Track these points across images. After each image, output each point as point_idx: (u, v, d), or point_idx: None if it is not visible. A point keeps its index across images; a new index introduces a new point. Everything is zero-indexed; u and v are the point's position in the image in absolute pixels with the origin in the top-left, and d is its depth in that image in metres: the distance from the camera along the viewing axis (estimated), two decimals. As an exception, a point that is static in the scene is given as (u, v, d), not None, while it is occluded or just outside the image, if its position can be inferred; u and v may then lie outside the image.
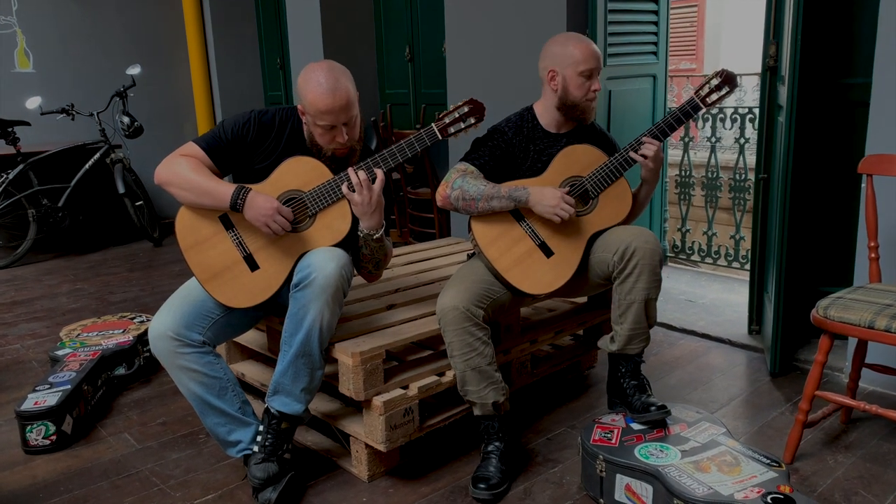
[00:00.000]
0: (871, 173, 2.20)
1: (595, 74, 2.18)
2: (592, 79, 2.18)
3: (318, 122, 1.98)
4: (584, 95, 2.18)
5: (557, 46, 2.19)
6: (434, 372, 2.20)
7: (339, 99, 1.94)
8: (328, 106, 1.94)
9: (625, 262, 2.05)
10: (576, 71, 2.15)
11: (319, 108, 1.95)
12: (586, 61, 2.15)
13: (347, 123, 2.00)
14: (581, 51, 2.15)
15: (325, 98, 1.93)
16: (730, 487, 1.77)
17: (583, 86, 2.16)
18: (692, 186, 4.25)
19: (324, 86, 1.94)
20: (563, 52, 2.17)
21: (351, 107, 1.98)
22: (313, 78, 1.95)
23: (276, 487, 1.97)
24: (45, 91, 5.56)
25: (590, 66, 2.15)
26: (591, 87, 2.17)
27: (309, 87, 1.95)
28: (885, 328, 1.88)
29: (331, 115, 1.95)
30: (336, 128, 1.99)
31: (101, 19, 5.89)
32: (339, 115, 1.96)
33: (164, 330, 1.95)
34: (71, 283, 4.50)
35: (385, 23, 5.25)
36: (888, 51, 2.39)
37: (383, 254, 2.15)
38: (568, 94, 2.18)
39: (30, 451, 2.34)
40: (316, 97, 1.94)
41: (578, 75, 2.15)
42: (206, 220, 2.04)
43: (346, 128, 2.00)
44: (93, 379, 2.63)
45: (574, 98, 2.18)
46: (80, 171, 5.11)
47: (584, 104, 2.19)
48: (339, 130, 2.00)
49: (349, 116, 1.99)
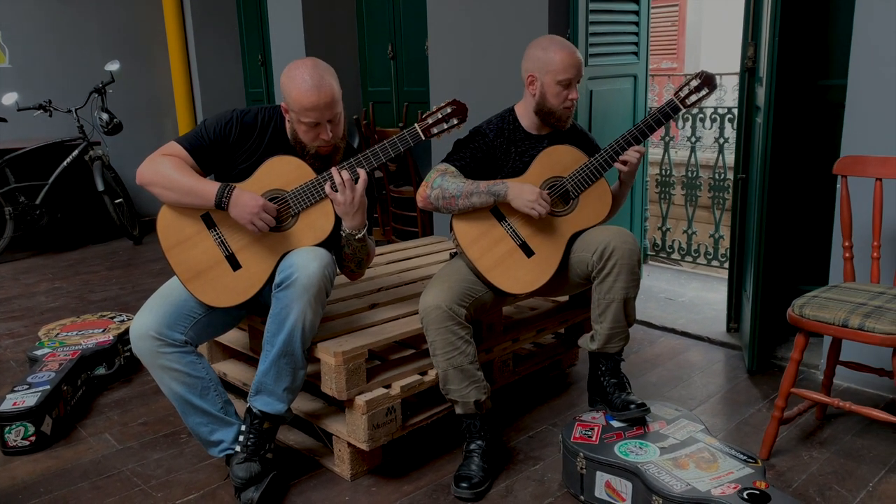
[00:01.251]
0: (845, 174, 2.25)
1: (574, 83, 2.19)
2: (570, 88, 2.18)
3: (303, 120, 1.98)
4: (562, 103, 2.19)
5: (539, 51, 2.19)
6: (417, 371, 2.21)
7: (323, 96, 1.94)
8: (313, 103, 1.94)
9: (603, 261, 2.08)
10: (554, 79, 2.15)
11: (304, 105, 1.95)
12: (565, 70, 2.15)
13: (332, 121, 2.00)
14: (561, 59, 2.15)
15: (310, 95, 1.93)
16: (707, 483, 1.80)
17: (560, 94, 2.18)
18: (672, 186, 4.30)
19: (308, 83, 1.94)
20: (543, 57, 2.17)
21: (335, 104, 1.99)
22: (298, 75, 1.95)
23: (259, 487, 1.97)
24: (22, 87, 5.48)
25: (568, 76, 2.15)
26: (568, 95, 2.18)
27: (293, 84, 1.95)
28: (859, 326, 1.91)
29: (315, 111, 1.95)
30: (320, 125, 1.99)
31: (80, 14, 5.82)
32: (323, 112, 1.97)
33: (145, 330, 1.94)
34: (49, 281, 4.45)
35: (367, 20, 5.24)
36: (863, 53, 2.43)
37: (365, 253, 2.15)
38: (545, 101, 2.19)
39: (8, 452, 2.32)
40: (300, 94, 1.94)
41: (556, 84, 2.16)
42: (189, 220, 2.03)
43: (330, 125, 2.01)
44: (72, 379, 2.61)
45: (551, 105, 2.19)
46: (58, 169, 5.05)
47: (560, 112, 2.21)
48: (324, 127, 2.00)
49: (333, 113, 1.99)
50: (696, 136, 4.13)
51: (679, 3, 10.78)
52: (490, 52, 3.67)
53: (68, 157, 5.08)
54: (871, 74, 2.42)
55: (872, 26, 2.39)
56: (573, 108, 2.24)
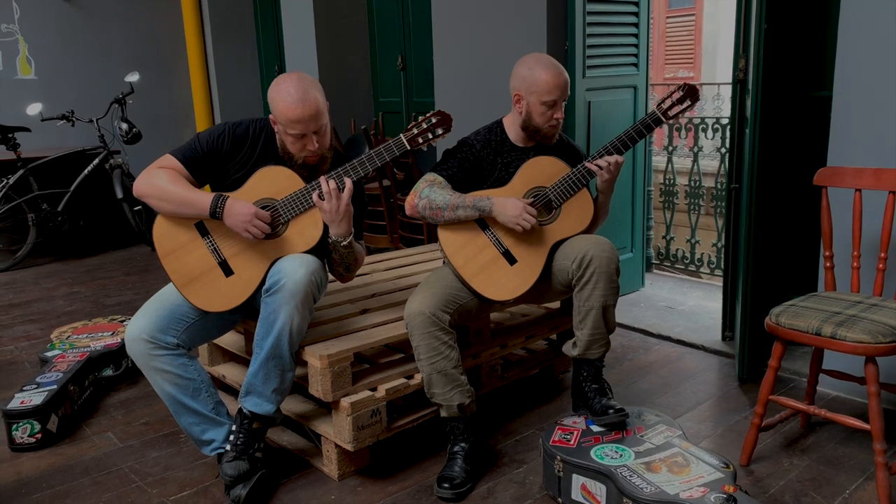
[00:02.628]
0: (825, 185, 2.28)
1: (559, 103, 2.23)
2: (556, 107, 2.23)
3: (289, 131, 2.07)
4: (547, 122, 2.25)
5: (525, 70, 2.24)
6: (403, 375, 2.28)
7: (308, 108, 2.03)
8: (298, 115, 2.03)
9: (582, 269, 2.13)
10: (539, 100, 2.21)
11: (290, 118, 2.04)
12: (550, 92, 2.20)
13: (317, 132, 2.09)
14: (546, 81, 2.19)
15: (295, 108, 2.02)
16: (677, 487, 1.84)
17: (545, 114, 2.23)
18: (676, 195, 4.32)
19: (294, 96, 2.02)
20: (528, 77, 2.22)
21: (320, 116, 2.07)
22: (283, 89, 2.04)
23: (247, 484, 2.05)
24: (46, 97, 5.68)
25: (553, 97, 2.20)
26: (553, 115, 2.24)
27: (280, 98, 2.04)
28: (831, 335, 1.94)
29: (300, 123, 2.04)
30: (306, 136, 2.08)
31: (103, 27, 6.02)
32: (308, 124, 2.05)
33: (138, 333, 2.03)
34: (68, 286, 4.61)
35: (378, 33, 5.35)
36: (847, 65, 2.46)
37: (353, 258, 2.23)
38: (531, 119, 2.26)
39: (16, 448, 2.43)
40: (286, 107, 2.03)
41: (541, 104, 2.21)
42: (183, 228, 2.13)
43: (316, 136, 2.09)
44: (80, 379, 2.72)
45: (536, 124, 2.26)
46: (79, 177, 5.22)
47: (546, 129, 2.27)
48: (310, 139, 2.08)
49: (318, 125, 2.08)
50: (699, 146, 4.15)
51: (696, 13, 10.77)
52: (490, 64, 3.75)
53: (89, 165, 5.25)
54: (855, 86, 2.44)
55: (856, 39, 2.42)
56: (559, 126, 2.29)
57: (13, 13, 5.60)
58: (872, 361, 1.95)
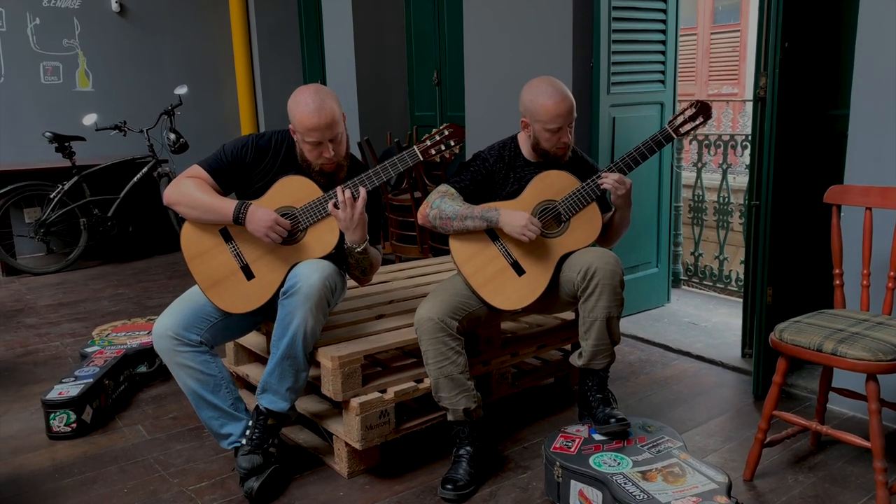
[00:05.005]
0: (835, 203, 2.28)
1: (564, 128, 2.29)
2: (561, 132, 2.29)
3: (307, 139, 2.19)
4: (554, 146, 2.32)
5: (528, 97, 2.30)
6: (413, 378, 2.37)
7: (324, 118, 2.15)
8: (314, 124, 2.15)
9: (587, 281, 2.19)
10: (543, 127, 2.28)
11: (307, 126, 2.16)
12: (552, 121, 2.26)
13: (333, 140, 2.20)
14: (547, 110, 2.25)
15: (312, 117, 2.14)
16: (669, 496, 1.88)
17: (551, 139, 2.30)
18: (705, 211, 4.32)
19: (311, 106, 2.15)
20: (531, 106, 2.29)
21: (335, 125, 2.18)
22: (301, 100, 2.17)
23: (259, 477, 2.16)
24: (101, 108, 5.97)
25: (556, 125, 2.26)
26: (560, 139, 2.31)
27: (297, 108, 2.17)
28: (832, 351, 1.96)
29: (317, 132, 2.16)
30: (323, 144, 2.20)
31: (156, 43, 6.31)
32: (324, 132, 2.17)
33: (164, 330, 2.17)
34: (114, 287, 4.84)
35: (415, 49, 5.49)
36: (865, 82, 2.46)
37: (368, 263, 2.33)
38: (539, 143, 2.33)
39: (52, 436, 2.60)
40: (304, 116, 2.15)
41: (546, 131, 2.28)
42: (208, 234, 2.26)
43: (332, 144, 2.21)
44: (115, 374, 2.89)
45: (544, 148, 2.33)
46: (128, 184, 5.47)
47: (555, 151, 2.34)
48: (326, 147, 2.20)
49: (334, 133, 2.19)
50: (728, 163, 4.15)
51: (741, 28, 10.65)
52: (518, 80, 3.80)
53: (138, 173, 5.50)
54: (871, 104, 2.45)
55: (873, 58, 2.42)
56: (568, 148, 2.36)
57: (74, 29, 5.92)
58: (873, 379, 1.95)
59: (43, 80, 5.84)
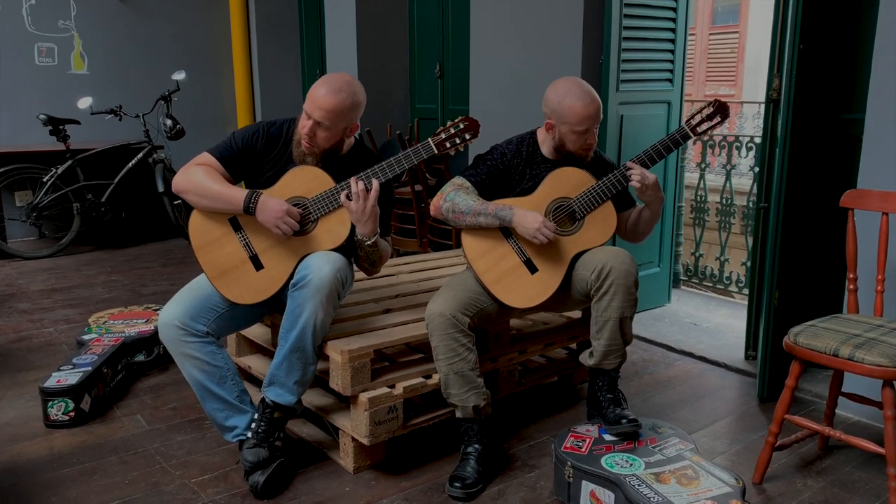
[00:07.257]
0: (851, 207, 2.27)
1: (592, 130, 2.27)
2: (588, 133, 2.26)
3: (304, 107, 2.17)
4: (580, 147, 2.30)
5: (556, 99, 2.26)
6: (421, 374, 2.33)
7: (328, 98, 2.13)
8: (315, 95, 2.15)
9: (601, 280, 2.16)
10: (571, 129, 2.25)
11: (311, 94, 2.16)
12: (581, 123, 2.23)
13: (321, 124, 2.16)
14: (576, 113, 2.22)
15: (318, 88, 2.15)
16: (684, 499, 1.86)
17: (577, 141, 2.28)
18: (707, 212, 4.31)
19: (328, 83, 2.15)
20: (559, 108, 2.25)
21: (331, 112, 2.14)
22: (327, 76, 2.18)
23: (265, 472, 2.12)
24: (96, 92, 5.87)
25: (585, 127, 2.24)
26: (586, 140, 2.28)
27: (318, 81, 2.18)
28: (849, 356, 1.95)
29: (313, 103, 2.15)
30: (312, 121, 2.17)
31: (153, 26, 6.21)
32: (316, 111, 2.14)
33: (171, 319, 2.13)
34: (107, 274, 4.77)
35: (417, 41, 5.44)
36: (881, 87, 2.45)
37: (378, 255, 2.29)
38: (564, 145, 2.30)
39: (50, 424, 2.55)
40: (315, 86, 2.17)
41: (573, 133, 2.25)
42: (216, 223, 2.22)
43: (318, 127, 2.17)
44: (113, 363, 2.83)
45: (569, 149, 2.30)
46: (123, 169, 5.39)
47: (579, 152, 2.31)
48: (314, 125, 2.17)
49: (325, 116, 2.14)
50: (732, 164, 4.14)
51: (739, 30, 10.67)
52: (525, 75, 3.80)
53: (133, 159, 5.41)
54: (888, 109, 2.43)
55: (891, 62, 2.41)
56: (592, 149, 2.33)
57: (70, 10, 5.81)
58: (890, 385, 1.94)
59: (37, 62, 5.73)
